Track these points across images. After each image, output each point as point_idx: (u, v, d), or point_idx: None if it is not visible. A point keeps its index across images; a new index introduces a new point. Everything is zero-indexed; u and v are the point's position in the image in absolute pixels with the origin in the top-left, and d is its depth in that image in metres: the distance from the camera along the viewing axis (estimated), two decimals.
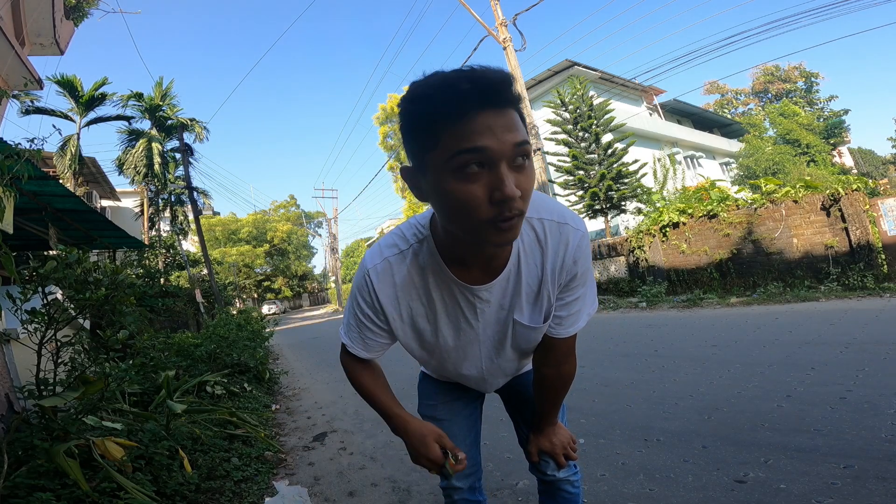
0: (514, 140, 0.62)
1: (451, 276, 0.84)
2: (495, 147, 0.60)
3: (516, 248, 0.84)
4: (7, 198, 2.60)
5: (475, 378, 1.09)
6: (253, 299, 40.65)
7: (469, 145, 0.60)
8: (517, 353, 1.01)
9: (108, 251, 8.43)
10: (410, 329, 0.93)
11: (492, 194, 0.62)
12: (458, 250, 0.81)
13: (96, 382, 2.21)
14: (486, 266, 0.83)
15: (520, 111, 0.66)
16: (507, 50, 11.72)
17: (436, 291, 0.87)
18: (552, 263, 0.85)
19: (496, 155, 0.61)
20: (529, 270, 0.85)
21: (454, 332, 0.93)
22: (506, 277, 0.85)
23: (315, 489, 2.44)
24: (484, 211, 0.63)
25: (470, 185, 0.62)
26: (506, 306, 0.89)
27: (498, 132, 0.61)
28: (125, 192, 21.87)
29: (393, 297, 0.88)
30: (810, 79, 30.35)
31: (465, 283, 0.84)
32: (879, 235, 7.15)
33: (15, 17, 6.51)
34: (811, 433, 2.22)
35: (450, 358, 1.00)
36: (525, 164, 0.64)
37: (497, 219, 0.64)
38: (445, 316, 0.90)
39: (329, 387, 5.29)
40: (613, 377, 3.86)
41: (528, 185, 0.65)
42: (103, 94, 16.06)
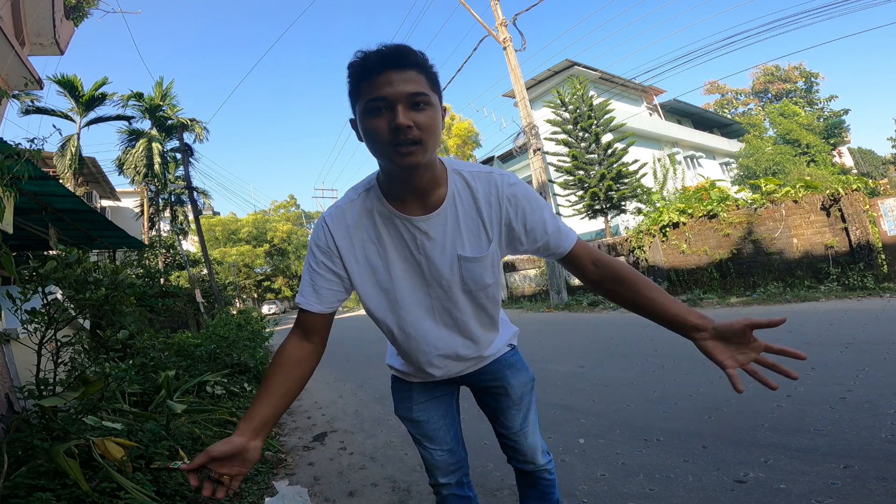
0: (408, 90, 0.84)
1: (393, 210, 0.98)
2: (392, 94, 0.83)
3: (450, 192, 0.99)
4: (7, 198, 2.60)
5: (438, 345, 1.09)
6: (253, 299, 40.66)
7: (374, 94, 0.84)
8: (470, 299, 1.07)
9: (108, 251, 8.43)
10: (365, 269, 1.03)
11: (389, 124, 0.84)
12: (395, 188, 0.97)
13: (96, 382, 2.21)
14: (421, 202, 0.98)
15: (427, 75, 0.88)
16: (507, 50, 11.72)
17: (383, 228, 1.01)
18: (486, 203, 1.00)
19: (393, 99, 0.84)
20: (465, 210, 1.00)
21: (403, 267, 1.03)
22: (443, 214, 0.99)
23: (315, 489, 2.44)
24: (385, 136, 0.85)
25: (377, 120, 0.85)
26: (448, 245, 1.00)
27: (396, 84, 0.83)
28: (125, 192, 21.88)
29: (347, 237, 1.01)
30: (810, 79, 30.36)
31: (405, 215, 0.98)
32: (879, 235, 7.16)
33: (15, 17, 6.51)
34: (811, 433, 2.22)
35: (406, 306, 1.05)
36: (424, 108, 0.86)
37: (396, 142, 0.85)
38: (394, 250, 1.01)
39: (329, 387, 5.29)
40: (613, 377, 3.86)
41: (425, 121, 0.85)
42: (103, 94, 16.06)
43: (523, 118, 11.91)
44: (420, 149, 0.86)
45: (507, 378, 1.22)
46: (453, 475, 1.26)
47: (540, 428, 1.33)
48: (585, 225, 16.72)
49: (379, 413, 3.81)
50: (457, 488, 1.27)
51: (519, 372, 1.24)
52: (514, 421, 1.25)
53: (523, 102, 11.82)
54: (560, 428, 2.79)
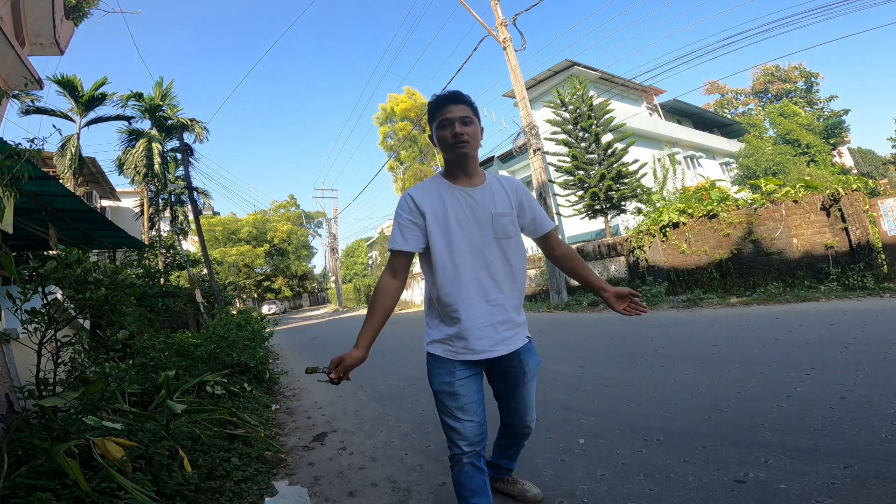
0: (461, 114, 1.53)
1: (451, 184, 1.60)
2: (452, 116, 1.53)
3: (487, 180, 1.64)
4: (7, 198, 2.60)
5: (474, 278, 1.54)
6: (253, 299, 40.64)
7: (444, 117, 1.54)
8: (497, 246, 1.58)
9: (108, 251, 8.43)
10: (434, 219, 1.55)
11: (452, 132, 1.52)
12: (453, 172, 1.61)
13: (96, 382, 2.21)
14: (469, 181, 1.61)
15: (472, 108, 1.56)
16: (507, 50, 11.71)
17: (444, 195, 1.59)
18: (509, 189, 1.67)
19: (453, 118, 1.53)
20: (497, 191, 1.63)
21: (457, 218, 1.56)
22: (483, 188, 1.61)
23: (315, 489, 2.44)
24: (450, 139, 1.53)
25: (445, 131, 1.54)
26: (486, 205, 1.59)
27: (454, 111, 1.53)
28: (125, 192, 21.87)
29: (423, 197, 1.58)
30: (810, 79, 30.34)
31: (459, 186, 1.60)
32: (879, 235, 7.15)
33: (15, 17, 6.51)
34: (811, 433, 2.22)
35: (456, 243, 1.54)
36: (470, 124, 1.54)
37: (456, 142, 1.52)
38: (451, 207, 1.57)
39: (329, 387, 5.28)
40: (613, 377, 3.86)
41: (471, 131, 1.54)
42: (103, 94, 16.05)
43: (523, 118, 11.90)
44: (468, 145, 1.54)
45: (528, 361, 1.64)
46: (478, 444, 1.55)
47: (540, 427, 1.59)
48: (585, 225, 16.71)
49: (379, 413, 3.81)
50: (476, 458, 1.55)
51: (534, 356, 1.68)
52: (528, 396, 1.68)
53: (523, 102, 11.82)
54: (560, 428, 2.78)
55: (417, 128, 23.57)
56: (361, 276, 36.65)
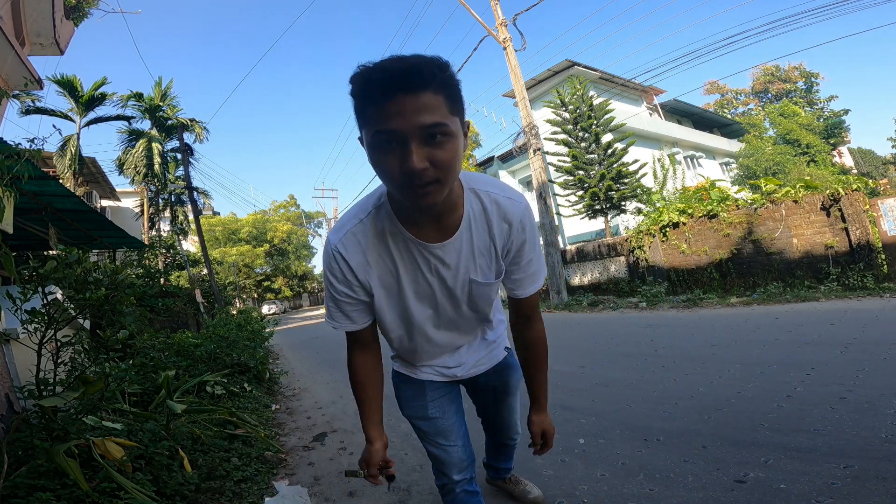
0: (422, 122, 0.70)
1: (408, 235, 0.94)
2: (403, 128, 0.70)
3: (466, 214, 0.95)
4: (7, 198, 2.60)
5: (442, 343, 1.18)
6: (253, 299, 40.65)
7: (381, 127, 0.71)
8: (472, 311, 1.12)
9: (108, 251, 8.43)
10: (379, 290, 1.02)
11: (401, 165, 0.73)
12: (408, 213, 0.92)
13: (96, 382, 2.21)
14: (437, 226, 0.94)
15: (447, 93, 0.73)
16: (507, 50, 11.72)
17: (395, 251, 0.97)
18: (498, 230, 0.98)
19: (405, 133, 0.70)
20: (479, 234, 0.98)
21: (415, 289, 1.02)
22: (458, 239, 0.96)
23: (315, 489, 2.44)
24: (397, 179, 0.75)
25: (387, 157, 0.74)
26: (461, 269, 1.00)
27: (408, 115, 0.70)
28: (125, 192, 21.87)
29: (363, 262, 0.97)
30: (810, 79, 30.34)
31: (421, 241, 0.95)
32: (879, 235, 7.15)
33: (15, 17, 6.51)
34: (811, 433, 2.22)
35: (416, 322, 1.08)
36: (442, 141, 0.73)
37: (409, 185, 0.75)
38: (406, 273, 1.00)
39: (329, 387, 5.29)
40: (613, 377, 3.86)
41: (444, 157, 0.74)
42: (103, 94, 16.06)
43: (523, 118, 11.90)
44: (438, 187, 0.77)
45: (509, 376, 1.40)
46: (466, 471, 1.32)
47: None
48: (585, 225, 16.72)
49: None
50: (468, 484, 1.33)
51: (515, 370, 1.40)
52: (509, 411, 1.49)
53: (523, 102, 11.82)
54: (560, 428, 2.76)
55: None
56: None
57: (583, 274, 12.03)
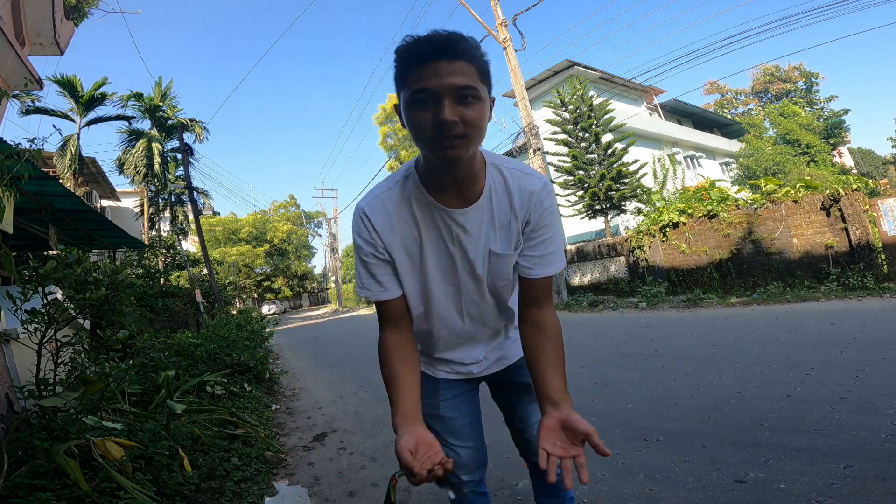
0: (455, 83, 0.80)
1: (432, 200, 0.98)
2: (438, 87, 0.80)
3: (488, 186, 0.99)
4: (7, 198, 2.60)
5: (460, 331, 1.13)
6: (253, 299, 40.65)
7: (420, 86, 0.81)
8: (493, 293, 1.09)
9: (108, 251, 8.43)
10: (403, 257, 1.03)
11: (434, 119, 0.81)
12: (434, 178, 0.96)
13: (96, 382, 2.21)
14: (459, 193, 0.98)
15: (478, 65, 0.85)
16: (507, 50, 11.72)
17: (420, 218, 1.00)
18: (519, 202, 1.01)
19: (440, 92, 0.80)
20: (500, 206, 1.01)
21: (436, 259, 1.03)
22: (480, 208, 0.99)
23: (315, 489, 2.44)
24: (429, 132, 0.83)
25: (421, 112, 0.82)
26: (482, 239, 1.02)
27: (443, 76, 0.80)
28: (125, 192, 21.87)
29: (388, 227, 1.00)
30: (810, 79, 30.33)
31: (444, 207, 0.98)
32: (879, 235, 7.15)
33: (15, 17, 6.51)
34: (811, 433, 2.22)
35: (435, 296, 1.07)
36: (472, 102, 0.82)
37: (438, 137, 0.82)
38: (430, 240, 1.02)
39: (329, 387, 5.29)
40: (613, 377, 3.86)
41: (473, 116, 0.83)
42: (103, 94, 16.06)
43: (523, 118, 11.90)
44: (465, 142, 0.84)
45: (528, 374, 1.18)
46: (476, 472, 1.27)
47: None
48: (585, 225, 16.71)
49: (379, 413, 3.81)
50: (476, 486, 1.29)
51: None
52: (533, 415, 1.25)
53: (523, 102, 11.82)
54: None
55: None
56: None
57: (583, 274, 12.03)
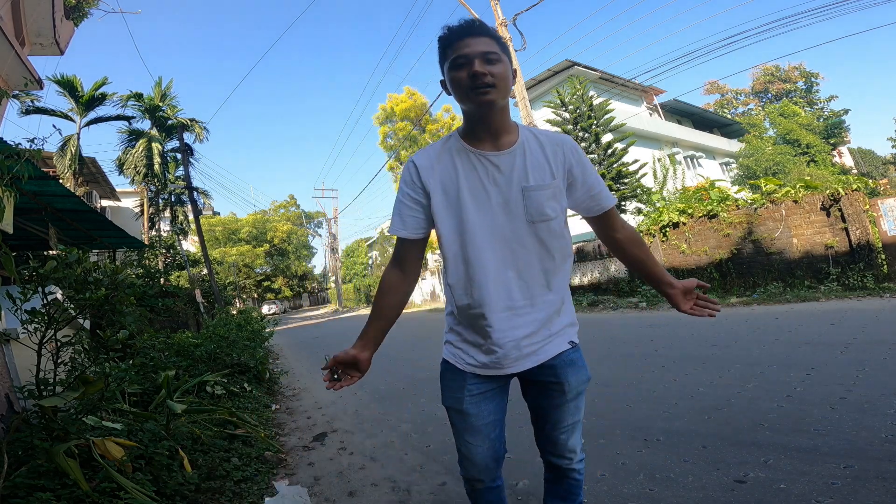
0: (482, 49, 1.10)
1: (468, 147, 1.19)
2: (470, 52, 1.10)
3: (521, 140, 1.20)
4: (7, 198, 2.60)
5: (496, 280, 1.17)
6: (253, 299, 40.65)
7: (458, 54, 1.11)
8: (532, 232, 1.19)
9: (108, 251, 8.43)
10: (440, 194, 1.20)
11: (469, 73, 1.10)
12: (473, 129, 1.19)
13: (96, 382, 2.21)
14: (494, 141, 1.18)
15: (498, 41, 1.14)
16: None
17: (458, 161, 1.20)
18: (551, 151, 1.21)
19: (472, 55, 1.10)
20: (532, 153, 1.20)
21: (472, 194, 1.18)
22: (512, 154, 1.18)
23: (315, 489, 2.44)
24: (466, 83, 1.11)
25: (460, 72, 1.12)
26: (514, 178, 1.18)
27: (473, 45, 1.11)
28: (125, 192, 21.87)
29: (429, 169, 1.21)
30: (810, 79, 30.33)
31: (480, 151, 1.18)
32: (879, 235, 7.15)
33: (15, 17, 6.51)
34: (811, 433, 2.22)
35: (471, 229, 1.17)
36: (496, 62, 1.11)
37: (474, 86, 1.10)
38: (465, 178, 1.19)
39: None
40: (613, 377, 3.86)
41: (498, 71, 1.11)
42: (103, 94, 16.06)
43: (523, 118, 11.90)
44: (494, 90, 1.10)
45: (567, 375, 1.24)
46: (491, 472, 1.29)
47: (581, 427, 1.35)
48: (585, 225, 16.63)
49: (379, 413, 3.81)
50: (491, 482, 1.31)
51: (579, 370, 1.28)
52: (564, 418, 1.27)
53: (523, 102, 11.82)
54: None
55: (417, 128, 23.57)
56: (361, 276, 36.63)
57: (583, 274, 12.03)
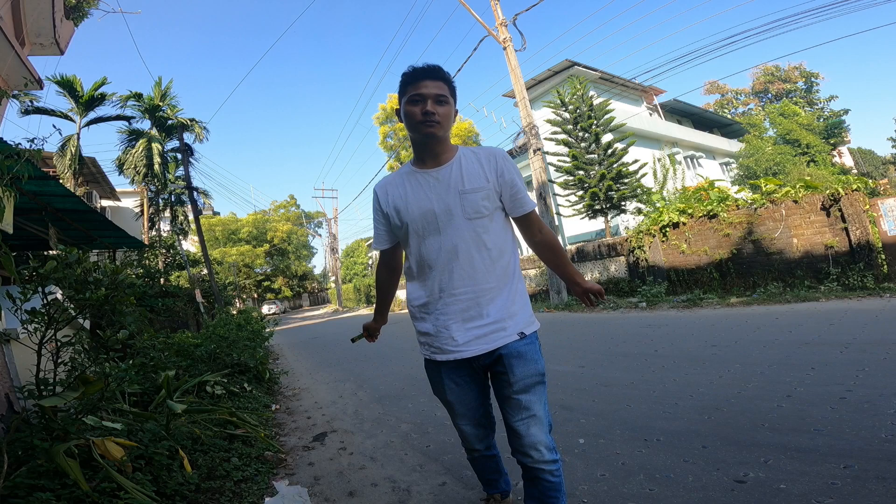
0: (436, 92, 1.39)
1: (415, 169, 1.49)
2: (426, 93, 1.38)
3: (457, 156, 1.47)
4: (7, 198, 2.60)
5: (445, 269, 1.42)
6: (253, 299, 40.64)
7: (415, 92, 1.39)
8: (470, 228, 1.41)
9: (108, 251, 8.42)
10: (395, 213, 1.50)
11: (422, 110, 1.38)
12: (419, 155, 1.50)
13: (96, 382, 2.21)
14: (435, 162, 1.47)
15: (449, 85, 1.43)
16: (507, 50, 11.71)
17: (407, 181, 1.50)
18: (486, 160, 1.47)
19: (426, 96, 1.38)
20: (468, 164, 1.46)
21: (419, 205, 1.45)
22: (450, 166, 1.45)
23: (315, 489, 2.44)
24: (418, 117, 1.39)
25: (415, 107, 1.39)
26: (452, 184, 1.43)
27: (429, 87, 1.38)
28: (125, 192, 21.87)
29: (384, 192, 1.54)
30: (810, 79, 30.35)
31: (424, 169, 1.47)
32: (879, 235, 7.15)
33: (15, 17, 6.51)
34: (811, 433, 2.22)
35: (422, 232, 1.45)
36: (444, 104, 1.41)
37: (424, 121, 1.38)
38: (412, 193, 1.47)
39: (329, 387, 5.29)
40: (613, 377, 3.86)
41: (444, 111, 1.41)
42: (103, 95, 16.04)
43: (523, 118, 11.90)
44: (438, 126, 1.40)
45: (512, 367, 1.37)
46: (482, 442, 1.62)
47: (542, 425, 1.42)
48: (585, 225, 16.72)
49: (379, 413, 3.81)
50: (486, 451, 1.65)
51: (526, 363, 1.38)
52: (513, 410, 1.40)
53: (523, 102, 11.82)
54: (560, 428, 2.78)
55: None
56: (361, 276, 36.62)
57: (583, 274, 12.02)
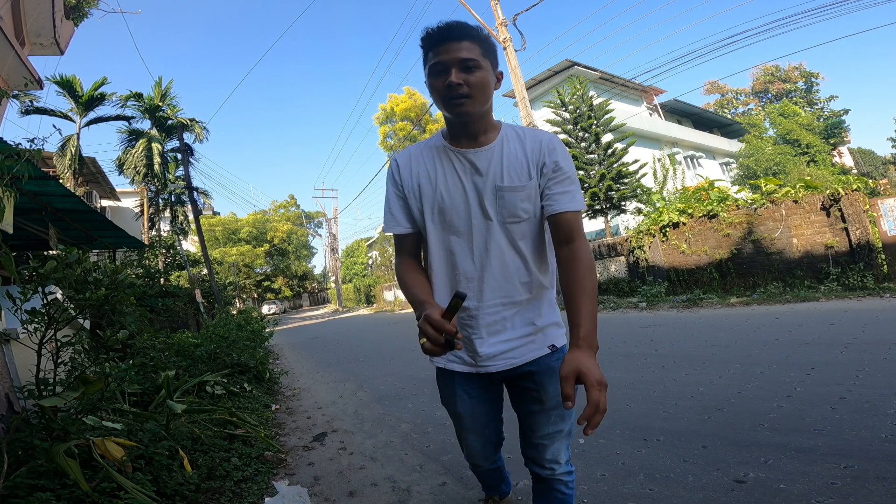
0: (460, 55, 1.06)
1: (448, 145, 1.21)
2: (447, 59, 1.07)
3: (500, 136, 1.19)
4: (7, 198, 2.60)
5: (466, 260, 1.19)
6: (253, 299, 40.63)
7: (435, 60, 1.09)
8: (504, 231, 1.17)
9: (108, 251, 8.42)
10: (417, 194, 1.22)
11: (444, 83, 1.08)
12: (452, 131, 1.20)
13: (96, 382, 2.21)
14: (473, 141, 1.18)
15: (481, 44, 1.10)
16: (507, 50, 11.71)
17: (437, 159, 1.22)
18: (531, 147, 1.18)
19: (448, 63, 1.07)
20: (510, 150, 1.18)
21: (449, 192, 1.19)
22: (490, 150, 1.17)
23: (315, 489, 2.44)
24: (442, 92, 1.09)
25: (437, 80, 1.10)
26: (490, 175, 1.16)
27: (451, 52, 1.07)
28: (125, 192, 21.86)
29: (408, 167, 1.24)
30: (810, 79, 30.33)
31: (458, 148, 1.19)
32: (879, 235, 7.15)
33: (15, 17, 6.51)
34: (811, 433, 2.22)
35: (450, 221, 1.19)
36: (474, 70, 1.07)
37: (448, 96, 1.09)
38: (444, 175, 1.20)
39: (329, 387, 5.29)
40: (613, 377, 3.86)
41: (475, 80, 1.08)
42: (103, 95, 16.03)
43: (523, 118, 11.90)
44: (469, 101, 1.09)
45: (544, 385, 1.20)
46: (488, 460, 1.48)
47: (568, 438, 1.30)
48: (586, 225, 16.66)
49: (379, 413, 3.81)
50: (490, 465, 1.51)
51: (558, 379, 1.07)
52: (540, 427, 1.24)
53: (523, 102, 11.82)
54: None
55: (417, 128, 23.58)
56: (361, 276, 36.61)
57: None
